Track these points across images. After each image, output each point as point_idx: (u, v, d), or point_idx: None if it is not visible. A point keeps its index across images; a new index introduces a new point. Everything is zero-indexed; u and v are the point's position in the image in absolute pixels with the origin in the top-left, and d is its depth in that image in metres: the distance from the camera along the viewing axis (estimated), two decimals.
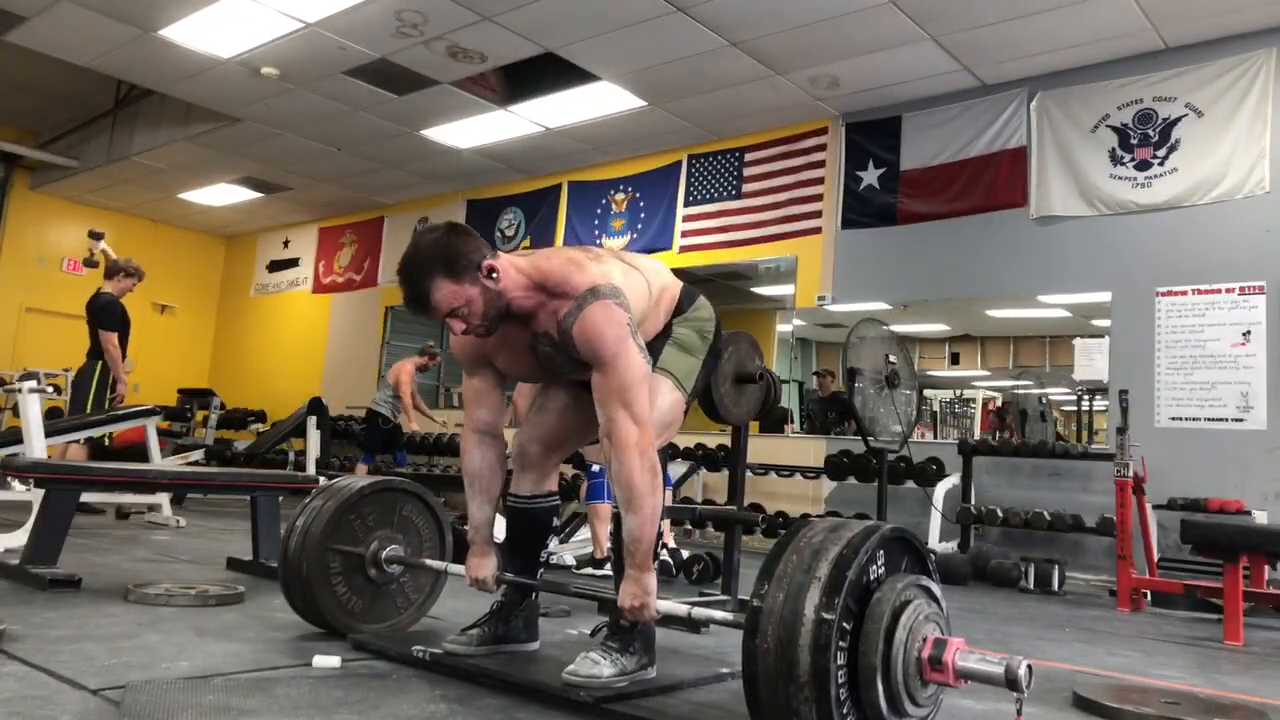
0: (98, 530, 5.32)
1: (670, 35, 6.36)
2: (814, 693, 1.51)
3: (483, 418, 2.41)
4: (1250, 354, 5.63)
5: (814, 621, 1.53)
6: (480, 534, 2.42)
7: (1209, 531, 3.99)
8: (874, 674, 1.56)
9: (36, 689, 1.90)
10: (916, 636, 1.62)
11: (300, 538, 2.57)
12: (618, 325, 2.08)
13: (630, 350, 2.08)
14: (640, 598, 2.05)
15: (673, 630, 3.15)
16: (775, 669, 1.54)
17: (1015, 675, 1.56)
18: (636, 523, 2.04)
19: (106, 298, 6.39)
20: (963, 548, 5.96)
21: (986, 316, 7.42)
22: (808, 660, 1.52)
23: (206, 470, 6.58)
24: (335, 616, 2.57)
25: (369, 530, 2.67)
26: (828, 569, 1.58)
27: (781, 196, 7.77)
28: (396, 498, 2.77)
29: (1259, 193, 5.69)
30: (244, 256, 12.96)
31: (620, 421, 2.05)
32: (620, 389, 2.06)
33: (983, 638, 3.52)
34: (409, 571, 2.75)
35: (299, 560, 2.55)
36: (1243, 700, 2.63)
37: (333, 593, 2.57)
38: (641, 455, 2.04)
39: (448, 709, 1.95)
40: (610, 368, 2.06)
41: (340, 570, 2.60)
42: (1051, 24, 5.90)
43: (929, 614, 1.66)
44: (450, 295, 2.13)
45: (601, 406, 2.09)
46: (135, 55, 7.42)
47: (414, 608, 2.78)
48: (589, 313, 2.09)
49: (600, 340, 2.07)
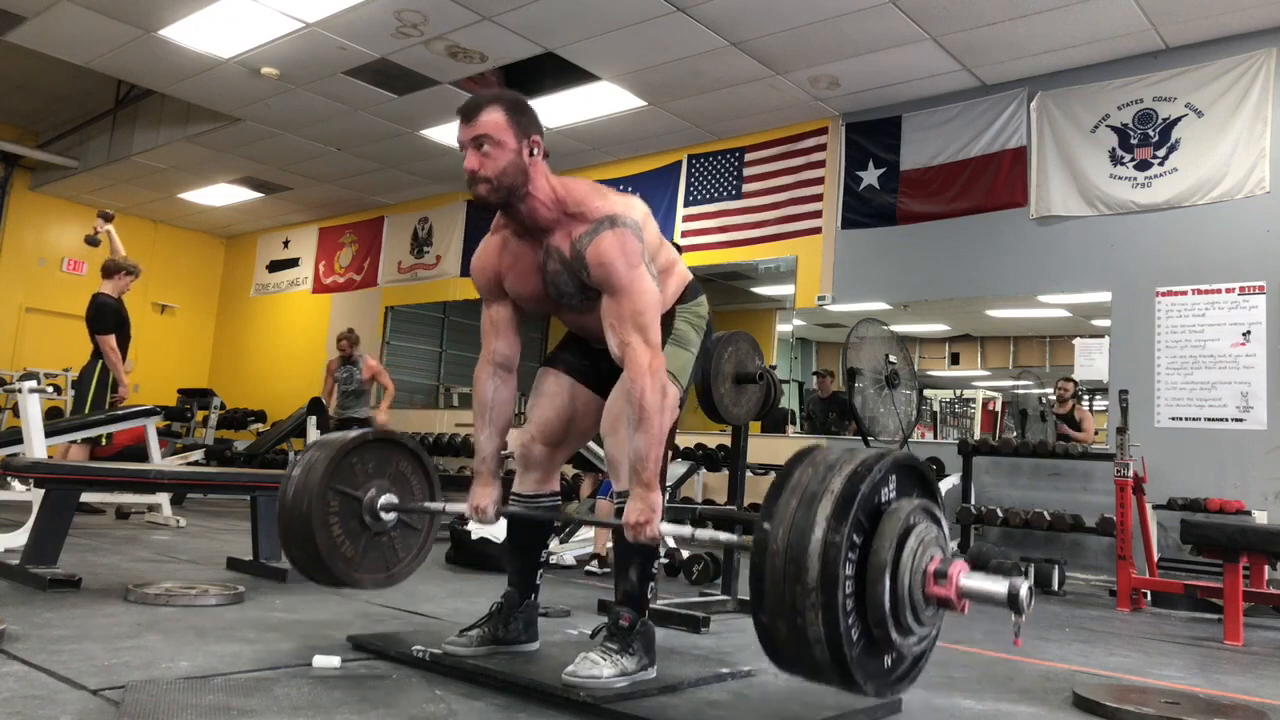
0: (98, 530, 5.32)
1: (670, 35, 6.36)
2: (821, 598, 1.52)
3: (500, 350, 2.42)
4: (1250, 354, 5.63)
5: (826, 529, 1.55)
6: (486, 465, 2.42)
7: (1209, 531, 3.98)
8: (882, 581, 1.58)
9: (36, 689, 1.90)
10: (924, 553, 1.64)
11: (303, 475, 2.55)
12: (632, 252, 2.12)
13: (644, 276, 2.14)
14: (645, 514, 2.07)
15: (673, 630, 3.16)
16: (784, 571, 1.55)
17: (1016, 593, 1.59)
18: (645, 441, 2.08)
19: (100, 300, 6.38)
20: (963, 548, 5.96)
21: (986, 316, 7.43)
22: (817, 566, 1.53)
23: (206, 470, 6.58)
24: (331, 560, 2.54)
25: (368, 477, 2.66)
26: (841, 483, 1.60)
27: (781, 196, 7.77)
28: (393, 451, 2.76)
29: (1259, 193, 5.69)
30: (244, 256, 12.96)
31: (635, 344, 2.10)
32: (634, 313, 2.11)
33: (983, 637, 3.52)
34: (401, 527, 2.73)
35: (301, 496, 2.52)
36: (1243, 700, 2.63)
37: (330, 535, 2.55)
38: (653, 376, 2.09)
39: (448, 709, 1.95)
40: (623, 293, 2.11)
41: (338, 513, 2.58)
42: (1051, 24, 5.90)
43: (935, 537, 1.68)
44: (496, 124, 2.16)
45: (613, 331, 2.14)
46: (135, 55, 7.42)
47: (404, 563, 2.75)
48: (604, 237, 2.13)
49: (613, 264, 2.11)
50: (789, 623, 1.55)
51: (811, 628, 1.53)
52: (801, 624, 1.54)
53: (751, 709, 2.10)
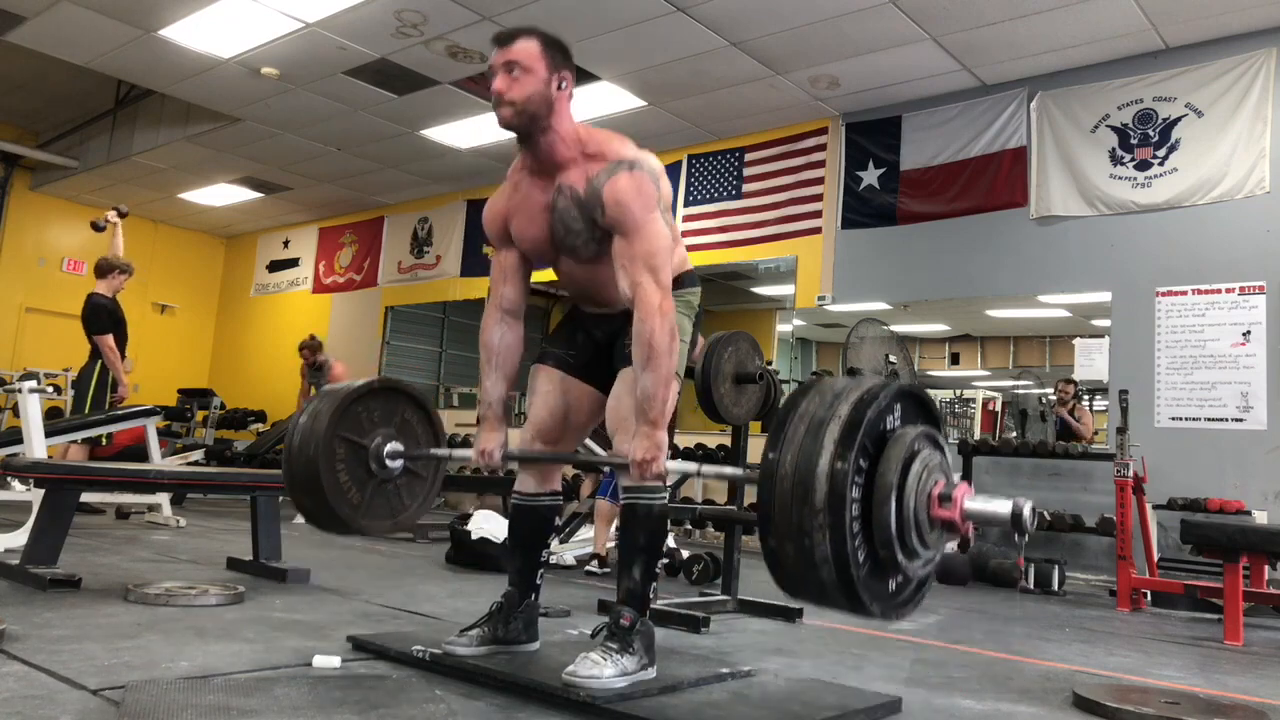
0: (98, 530, 5.32)
1: (670, 35, 6.36)
2: (829, 519, 1.54)
3: (507, 295, 2.45)
4: (1250, 354, 5.63)
5: (833, 452, 1.57)
6: (493, 410, 2.45)
7: (1209, 531, 3.98)
8: (889, 503, 1.59)
9: (36, 689, 1.90)
10: (929, 477, 1.66)
11: (309, 423, 2.55)
12: (648, 195, 2.17)
13: (658, 220, 2.17)
14: (652, 451, 2.10)
15: (673, 630, 3.16)
16: (792, 492, 1.57)
17: (1020, 512, 1.61)
18: (653, 380, 2.11)
19: (95, 300, 6.38)
20: (963, 548, 5.95)
21: (986, 316, 7.42)
22: (825, 487, 1.55)
23: (206, 470, 6.57)
24: (338, 505, 2.54)
25: (374, 425, 2.65)
26: (848, 409, 1.62)
27: (781, 196, 7.77)
28: (399, 400, 2.75)
29: (1259, 193, 5.69)
30: (244, 256, 12.96)
31: (646, 284, 2.13)
32: (646, 254, 2.14)
33: (983, 637, 3.52)
34: (407, 474, 2.73)
35: (308, 443, 2.52)
36: (1243, 700, 2.63)
37: (336, 480, 2.55)
38: (663, 317, 2.11)
39: (448, 709, 1.95)
40: (637, 233, 2.15)
41: (344, 460, 2.58)
42: (1051, 24, 5.90)
43: (940, 463, 1.70)
44: (529, 52, 2.19)
45: (625, 271, 2.16)
46: (135, 55, 7.42)
47: (410, 510, 2.75)
48: (622, 176, 2.16)
49: (630, 204, 2.15)
50: (796, 544, 1.57)
51: (819, 548, 1.55)
52: (809, 545, 1.55)
53: (751, 709, 2.10)
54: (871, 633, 3.45)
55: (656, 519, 2.28)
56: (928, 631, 3.60)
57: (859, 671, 2.69)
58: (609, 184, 2.16)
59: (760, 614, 3.66)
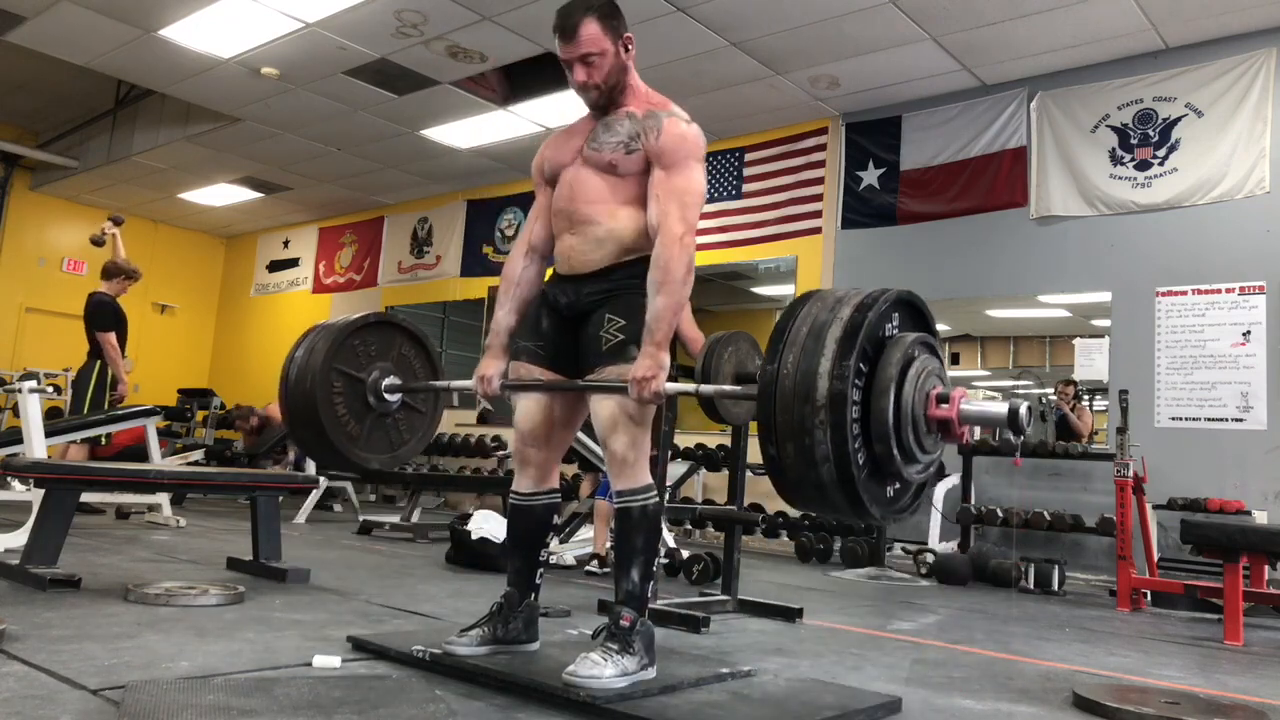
0: (98, 530, 5.32)
1: (670, 35, 6.36)
2: (830, 416, 1.55)
3: (538, 232, 2.51)
4: (1250, 354, 5.63)
5: (835, 351, 1.58)
6: (499, 338, 2.49)
7: (1209, 531, 3.98)
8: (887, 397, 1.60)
9: (36, 689, 1.90)
10: (927, 380, 1.67)
11: (305, 356, 2.55)
12: (699, 146, 2.31)
13: (700, 169, 2.29)
14: (653, 370, 2.14)
15: (673, 630, 3.16)
16: (793, 391, 1.59)
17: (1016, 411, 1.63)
18: (664, 303, 2.16)
19: (99, 298, 6.38)
20: (963, 548, 5.96)
21: (986, 316, 7.43)
22: (826, 385, 1.56)
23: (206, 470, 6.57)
24: (336, 436, 2.54)
25: (370, 359, 2.64)
26: (849, 312, 1.65)
27: (781, 196, 7.77)
28: (395, 334, 2.74)
29: (1259, 193, 5.69)
30: (244, 256, 12.95)
31: (673, 215, 2.21)
32: (682, 190, 2.24)
33: (983, 637, 3.52)
34: (405, 409, 2.72)
35: (304, 376, 2.51)
36: (1243, 700, 2.63)
37: (335, 413, 2.55)
38: (683, 248, 2.19)
39: (448, 709, 1.95)
40: (680, 169, 2.25)
41: (342, 392, 2.58)
42: (1051, 24, 5.90)
43: (936, 369, 1.71)
44: (596, 36, 2.28)
45: (657, 200, 2.24)
46: (135, 55, 7.42)
47: (409, 445, 2.74)
48: (678, 121, 2.30)
49: (683, 142, 2.27)
50: (797, 444, 1.58)
51: (819, 446, 1.56)
52: (809, 444, 1.56)
53: (751, 709, 2.10)
54: (871, 633, 3.44)
55: (651, 519, 2.28)
56: (928, 631, 3.60)
57: (859, 671, 2.69)
58: (671, 119, 2.29)
59: (760, 614, 3.66)
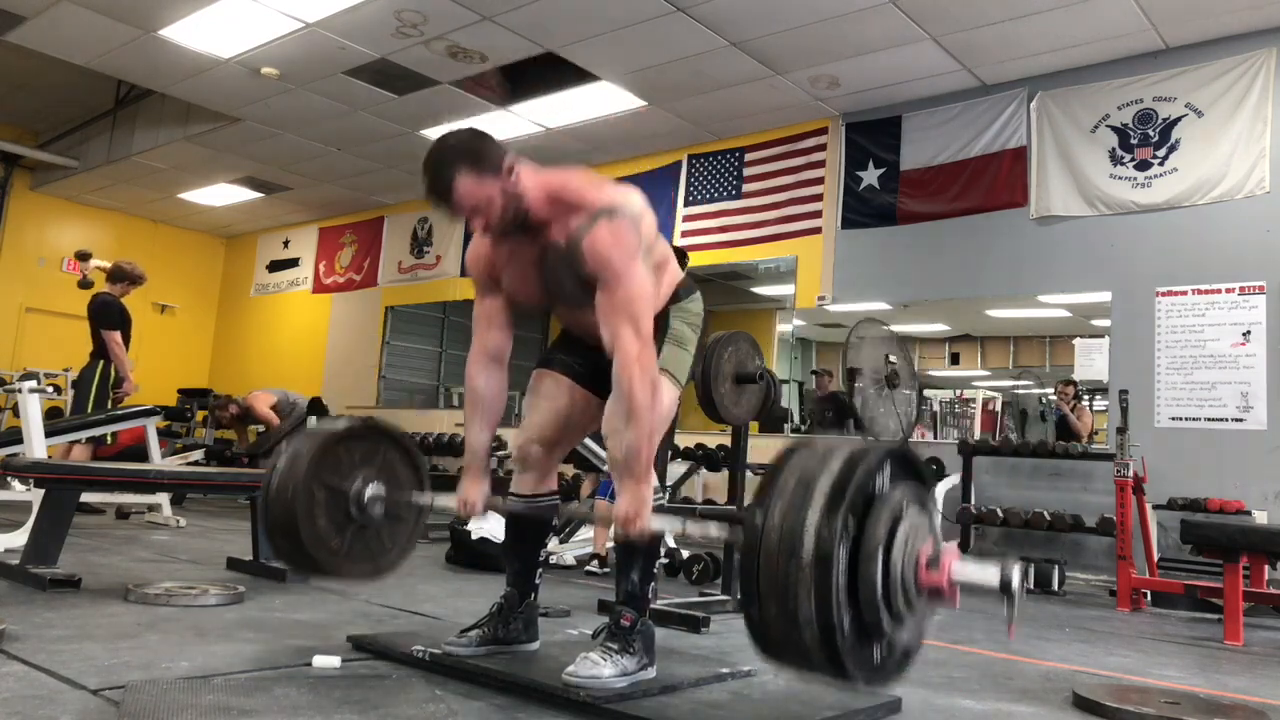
0: (98, 530, 5.32)
1: (670, 35, 6.36)
2: (815, 574, 1.51)
3: (493, 341, 2.42)
4: (1250, 354, 5.63)
5: (822, 509, 1.54)
6: (476, 459, 2.42)
7: (1209, 531, 3.98)
8: (875, 562, 1.55)
9: (36, 689, 1.90)
10: (917, 539, 1.61)
11: (288, 466, 2.51)
12: (628, 244, 2.13)
13: (638, 268, 2.14)
14: (636, 508, 2.07)
15: (673, 630, 3.16)
16: (778, 546, 1.54)
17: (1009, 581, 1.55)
18: (634, 436, 2.08)
19: (104, 298, 6.39)
20: (963, 548, 5.96)
21: (986, 316, 7.42)
22: (812, 543, 1.52)
23: (206, 470, 6.58)
24: (317, 552, 2.50)
25: (355, 468, 2.62)
26: (838, 468, 1.60)
27: (781, 196, 7.76)
28: (381, 442, 2.71)
29: (1259, 193, 5.69)
30: (244, 256, 12.95)
31: (625, 336, 2.10)
32: (626, 303, 2.11)
33: (983, 638, 3.52)
34: (389, 520, 2.70)
35: (286, 487, 2.49)
36: (1243, 700, 2.63)
37: (315, 527, 2.51)
38: (643, 370, 2.09)
39: (448, 709, 1.95)
40: (617, 283, 2.11)
41: (324, 504, 2.55)
42: (1051, 24, 5.89)
43: (928, 525, 1.66)
44: (473, 190, 2.13)
45: (605, 322, 2.13)
46: (135, 55, 7.42)
47: (391, 555, 2.70)
48: (601, 226, 2.13)
49: (609, 255, 2.11)
50: (780, 603, 1.53)
51: (803, 608, 1.51)
52: (793, 605, 1.51)
53: (751, 709, 2.10)
54: None
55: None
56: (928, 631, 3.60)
57: None
58: (588, 238, 2.12)
59: None
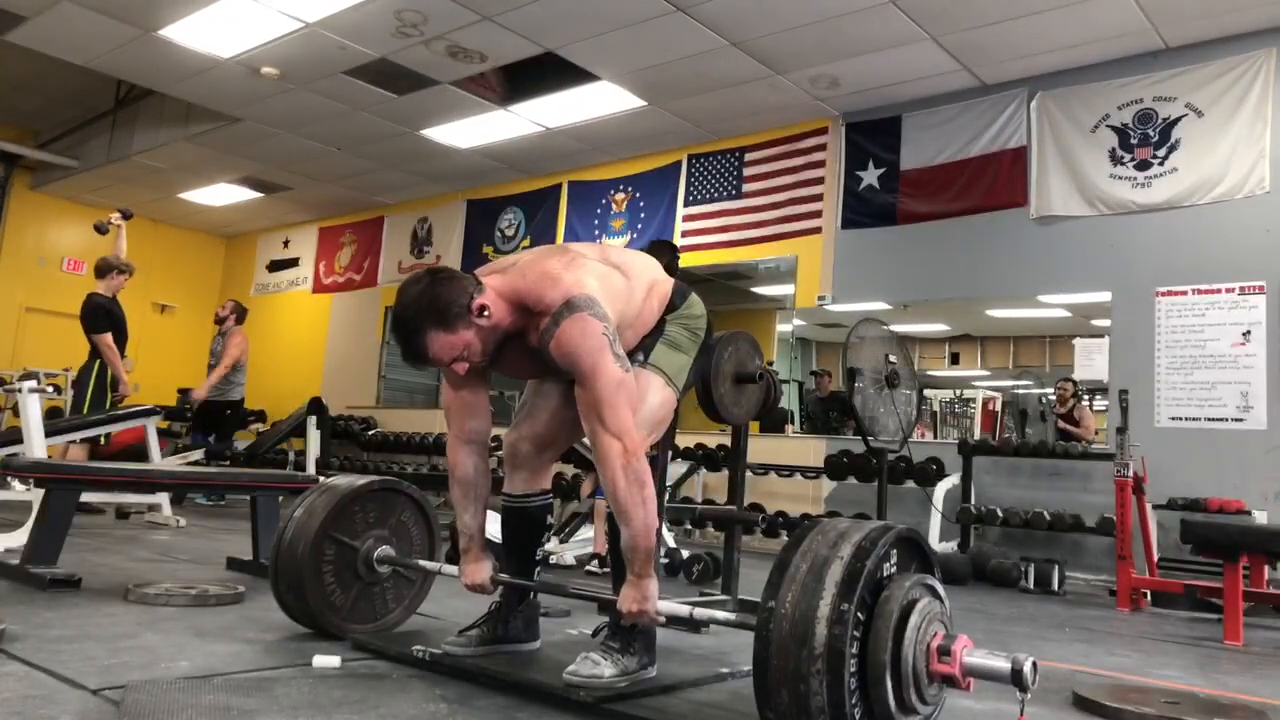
0: (98, 530, 5.31)
1: (670, 35, 6.36)
2: (826, 665, 1.52)
3: (475, 427, 2.38)
4: (1250, 354, 5.63)
5: (834, 596, 1.56)
6: (475, 540, 2.41)
7: (1209, 531, 3.98)
8: (885, 653, 1.57)
9: (36, 689, 1.90)
10: (927, 629, 1.64)
11: (304, 518, 2.55)
12: (593, 337, 2.07)
13: (606, 363, 2.07)
14: (639, 603, 2.05)
15: (673, 630, 3.15)
16: (790, 633, 1.56)
17: (1020, 671, 1.58)
18: (629, 534, 2.06)
19: (94, 300, 6.39)
20: (963, 548, 5.96)
21: (986, 316, 7.43)
22: (824, 632, 1.53)
23: (206, 470, 6.57)
24: (320, 610, 2.54)
25: (368, 526, 2.67)
26: (850, 551, 1.62)
27: (781, 196, 7.77)
28: (397, 500, 2.77)
29: (1259, 193, 5.69)
30: (244, 256, 12.95)
31: (601, 436, 2.06)
32: (597, 403, 2.06)
33: (983, 637, 3.52)
34: (395, 577, 2.74)
35: (298, 541, 2.52)
36: (1243, 700, 2.63)
37: (321, 584, 2.55)
38: (625, 469, 2.04)
39: (448, 709, 1.95)
40: (587, 381, 2.07)
41: (332, 561, 2.59)
42: (1051, 24, 5.90)
43: (938, 613, 1.68)
44: (447, 345, 2.10)
45: (584, 420, 2.11)
46: (135, 55, 7.42)
47: (394, 614, 2.76)
48: (564, 329, 2.07)
49: (576, 355, 2.07)
50: (792, 691, 1.55)
51: (815, 697, 1.52)
52: (805, 692, 1.53)
53: (751, 709, 2.09)
54: None
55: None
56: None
57: None
58: (554, 341, 2.09)
59: None
